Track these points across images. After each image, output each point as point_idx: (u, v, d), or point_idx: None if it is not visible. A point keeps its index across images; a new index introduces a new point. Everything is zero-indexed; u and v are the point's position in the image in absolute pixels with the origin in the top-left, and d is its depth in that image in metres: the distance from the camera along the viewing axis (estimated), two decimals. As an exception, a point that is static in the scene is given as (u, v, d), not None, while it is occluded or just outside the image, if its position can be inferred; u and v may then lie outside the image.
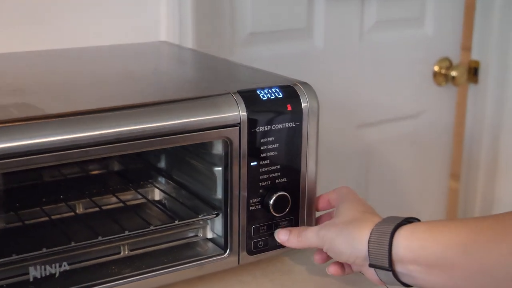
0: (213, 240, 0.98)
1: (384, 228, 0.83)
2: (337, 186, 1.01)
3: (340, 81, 1.74)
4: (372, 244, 0.83)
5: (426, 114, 1.95)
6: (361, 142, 1.84)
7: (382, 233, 0.83)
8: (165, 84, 1.01)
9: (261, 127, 0.91)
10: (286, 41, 1.64)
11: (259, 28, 1.60)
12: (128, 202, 1.07)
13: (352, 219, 0.88)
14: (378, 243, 0.82)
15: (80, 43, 1.28)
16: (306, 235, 0.92)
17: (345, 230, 0.87)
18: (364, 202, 0.94)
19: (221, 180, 0.93)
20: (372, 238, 0.83)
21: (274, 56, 1.61)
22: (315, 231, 0.91)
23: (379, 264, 0.83)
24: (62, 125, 0.79)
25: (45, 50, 1.23)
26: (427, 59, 1.91)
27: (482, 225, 0.78)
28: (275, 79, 1.00)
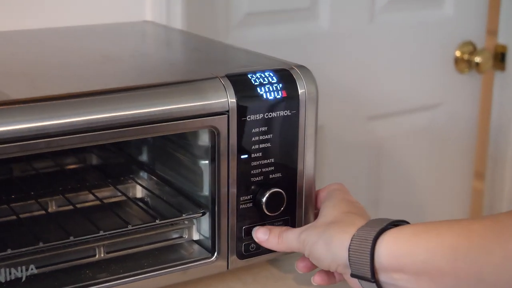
0: (199, 242, 0.98)
1: (366, 234, 0.82)
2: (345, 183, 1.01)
3: (348, 67, 1.74)
4: (352, 252, 0.83)
5: (446, 105, 1.95)
6: (372, 136, 1.83)
7: (363, 239, 0.82)
8: (145, 67, 1.01)
9: (252, 115, 0.91)
10: (287, 23, 1.64)
11: (257, 8, 1.60)
12: (106, 200, 1.07)
13: (334, 220, 0.88)
14: (359, 251, 0.82)
15: (57, 23, 1.28)
16: (287, 237, 0.92)
17: (326, 234, 0.86)
18: (350, 200, 0.94)
19: (208, 175, 0.93)
20: (352, 245, 0.83)
21: (273, 39, 1.60)
22: (296, 233, 0.91)
23: (361, 274, 0.83)
24: (27, 111, 0.79)
25: (18, 31, 1.23)
26: (447, 43, 1.90)
27: (476, 227, 0.78)
28: (268, 62, 1.00)
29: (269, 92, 0.92)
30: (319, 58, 1.68)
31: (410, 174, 1.94)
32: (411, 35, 1.83)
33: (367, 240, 0.82)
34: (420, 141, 1.93)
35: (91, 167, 1.17)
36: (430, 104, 1.93)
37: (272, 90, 0.92)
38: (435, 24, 1.87)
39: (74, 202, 1.04)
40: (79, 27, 1.28)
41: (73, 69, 0.98)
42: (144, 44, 1.24)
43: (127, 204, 1.07)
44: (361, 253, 0.82)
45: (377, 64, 1.79)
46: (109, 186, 1.10)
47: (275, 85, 0.92)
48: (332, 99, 1.71)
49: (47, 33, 1.23)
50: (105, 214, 1.02)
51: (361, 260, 0.82)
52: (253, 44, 1.27)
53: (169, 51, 1.18)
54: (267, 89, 0.92)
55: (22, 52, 1.11)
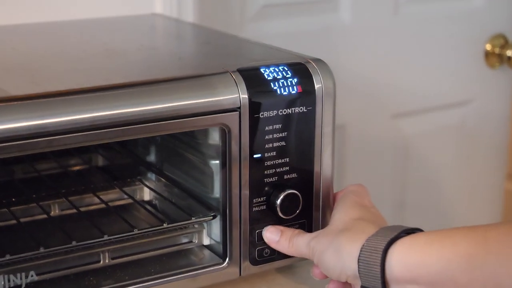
0: (210, 247, 0.98)
1: (377, 244, 0.81)
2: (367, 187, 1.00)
3: (371, 62, 1.73)
4: (362, 264, 0.82)
5: (475, 102, 1.94)
6: (396, 135, 1.83)
7: (373, 249, 0.81)
8: (152, 62, 1.01)
9: (266, 112, 0.90)
10: (306, 15, 1.63)
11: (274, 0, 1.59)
12: (111, 203, 1.07)
13: (344, 228, 0.87)
14: (369, 262, 0.81)
15: (60, 16, 1.29)
16: (298, 242, 0.91)
17: (335, 243, 0.86)
18: (363, 205, 0.92)
19: (219, 176, 0.93)
20: (362, 255, 0.82)
21: (291, 33, 1.60)
22: (307, 239, 0.90)
23: (371, 286, 0.82)
24: (26, 108, 0.79)
25: (19, 24, 1.24)
26: (477, 36, 1.89)
27: (492, 234, 0.77)
28: (283, 55, 0.99)
29: (283, 87, 0.91)
30: (340, 53, 1.67)
31: (437, 176, 1.93)
32: (438, 27, 1.82)
33: (377, 251, 0.81)
34: (448, 141, 1.91)
35: (96, 169, 1.17)
36: (458, 101, 1.91)
37: (286, 85, 0.91)
38: (464, 15, 1.85)
39: (77, 206, 1.04)
40: (83, 20, 1.29)
41: (76, 63, 0.98)
42: (151, 37, 1.24)
43: (134, 207, 1.07)
44: (371, 265, 0.81)
45: (402, 59, 1.78)
46: (115, 188, 1.10)
47: (290, 80, 0.92)
48: (354, 96, 1.70)
49: (49, 27, 1.24)
50: (111, 218, 1.02)
51: (371, 272, 0.81)
52: (269, 38, 1.27)
53: (178, 44, 1.18)
54: (281, 84, 0.91)
55: (23, 46, 1.11)
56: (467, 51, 1.88)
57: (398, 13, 1.75)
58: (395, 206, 1.84)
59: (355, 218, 0.89)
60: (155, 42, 1.19)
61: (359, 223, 0.88)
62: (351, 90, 1.66)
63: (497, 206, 2.05)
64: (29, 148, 0.80)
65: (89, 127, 0.82)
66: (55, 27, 1.24)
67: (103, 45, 1.10)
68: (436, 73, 1.84)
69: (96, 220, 0.99)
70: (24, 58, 1.03)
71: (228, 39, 1.18)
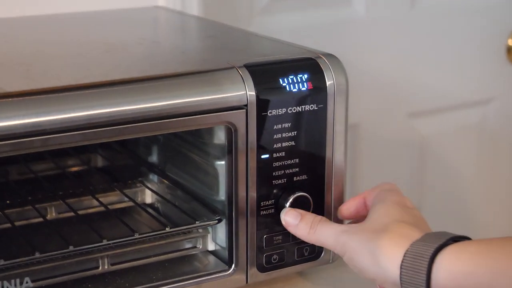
0: (215, 252, 0.97)
1: (423, 250, 0.79)
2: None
3: (387, 58, 1.73)
4: (405, 270, 0.80)
5: (497, 101, 1.93)
6: (413, 135, 1.82)
7: (419, 256, 0.79)
8: (154, 56, 1.01)
9: (274, 110, 0.90)
10: (318, 8, 1.63)
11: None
12: (111, 206, 1.07)
13: (383, 229, 0.84)
14: (413, 269, 0.79)
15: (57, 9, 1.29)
16: (323, 231, 0.89)
17: (372, 243, 0.83)
18: (405, 206, 0.90)
19: (225, 177, 0.92)
20: (405, 261, 0.80)
21: (302, 27, 1.60)
22: (335, 231, 0.87)
23: None
24: (21, 105, 0.79)
25: (17, 17, 1.24)
26: (498, 30, 1.89)
27: None
28: (292, 50, 0.99)
29: (293, 83, 0.91)
30: (354, 48, 1.67)
31: (456, 178, 1.92)
32: (458, 22, 1.81)
33: (424, 258, 0.79)
34: (468, 141, 1.91)
35: (95, 170, 1.17)
36: (479, 99, 1.91)
37: (296, 82, 0.91)
38: (485, 9, 1.85)
39: (75, 209, 1.03)
40: (81, 13, 1.29)
41: (74, 58, 0.98)
42: (153, 31, 1.25)
43: (135, 211, 1.07)
44: (415, 272, 0.79)
45: (419, 55, 1.78)
46: (115, 191, 1.10)
47: (300, 76, 0.92)
48: (368, 94, 1.70)
49: (45, 20, 1.24)
50: (110, 222, 1.02)
51: (415, 280, 0.79)
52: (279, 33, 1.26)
53: (181, 38, 1.18)
54: (291, 81, 0.91)
55: (17, 40, 1.11)
56: (488, 47, 1.88)
57: (415, 6, 1.75)
58: (412, 210, 1.84)
59: (397, 220, 0.85)
60: (157, 36, 1.19)
61: (401, 226, 0.84)
62: (364, 87, 1.66)
63: (519, 211, 2.05)
64: (24, 148, 0.80)
65: (87, 126, 0.82)
66: (51, 20, 1.24)
67: (102, 39, 1.10)
68: (455, 70, 1.84)
69: (95, 224, 0.99)
70: (19, 52, 1.03)
71: (234, 33, 1.18)
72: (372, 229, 0.85)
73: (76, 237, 0.94)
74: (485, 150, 1.94)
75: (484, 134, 1.93)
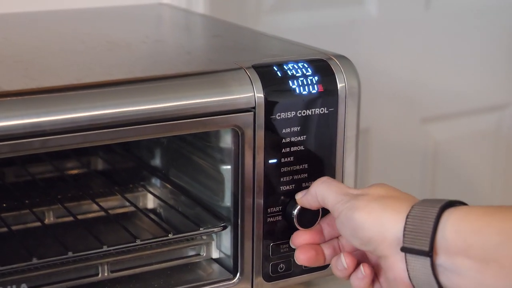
0: (220, 260, 0.97)
1: (429, 205, 0.79)
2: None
3: (400, 60, 1.73)
4: (411, 219, 0.79)
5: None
6: (426, 140, 1.82)
7: (426, 208, 0.79)
8: (158, 56, 1.01)
9: (283, 113, 0.90)
10: (328, 7, 1.64)
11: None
12: (111, 211, 1.07)
13: (387, 195, 0.84)
14: (420, 218, 0.78)
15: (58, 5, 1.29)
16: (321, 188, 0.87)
17: (379, 202, 0.82)
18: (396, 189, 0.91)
19: (230, 182, 0.93)
20: (413, 212, 0.79)
21: (312, 27, 1.60)
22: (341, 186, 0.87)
23: (416, 247, 0.79)
24: (20, 105, 0.79)
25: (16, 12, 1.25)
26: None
27: None
28: (303, 51, 0.99)
29: (303, 86, 0.91)
30: (366, 49, 1.67)
31: (471, 186, 1.92)
32: (473, 23, 1.82)
33: (432, 209, 0.78)
34: (483, 148, 1.91)
35: (95, 173, 1.18)
36: (495, 104, 1.91)
37: (306, 84, 0.91)
38: (503, 10, 1.85)
39: (74, 213, 1.04)
40: (83, 9, 1.29)
41: (75, 56, 0.98)
42: (158, 29, 1.25)
43: (136, 216, 1.07)
44: (422, 220, 0.78)
45: (433, 57, 1.78)
46: (115, 195, 1.10)
47: (310, 78, 0.92)
48: (380, 98, 1.70)
49: (45, 16, 1.24)
50: (111, 227, 1.02)
51: (421, 228, 0.77)
52: (288, 32, 1.27)
53: (187, 37, 1.18)
54: (301, 83, 0.91)
55: (16, 37, 1.12)
56: (505, 49, 1.88)
57: (429, 7, 1.75)
58: (424, 219, 1.84)
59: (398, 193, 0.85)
60: (161, 34, 1.19)
61: (404, 194, 0.85)
62: (376, 90, 1.66)
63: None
64: (22, 149, 0.80)
65: (89, 127, 0.82)
66: (52, 16, 1.25)
67: (104, 36, 1.11)
68: (470, 73, 1.84)
69: (95, 229, 0.99)
70: (18, 49, 1.03)
71: (241, 32, 1.18)
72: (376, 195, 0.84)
73: (75, 243, 0.93)
74: (500, 157, 1.94)
75: (499, 140, 1.93)
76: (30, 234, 1.01)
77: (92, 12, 1.28)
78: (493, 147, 1.92)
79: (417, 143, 1.80)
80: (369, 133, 1.71)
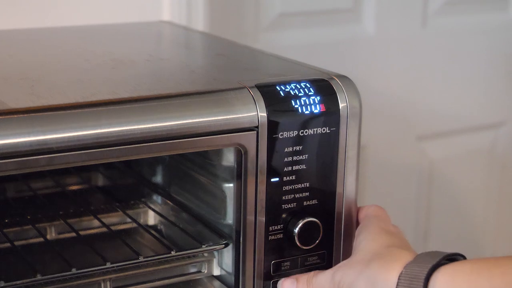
0: (221, 278, 0.98)
1: (417, 271, 0.81)
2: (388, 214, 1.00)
3: (396, 78, 1.74)
4: (403, 280, 0.81)
5: (508, 125, 1.94)
6: (422, 158, 1.83)
7: (413, 277, 0.81)
8: (162, 74, 1.02)
9: (285, 132, 0.91)
10: (326, 25, 1.64)
11: (292, 8, 1.60)
12: (113, 227, 1.07)
13: (375, 256, 0.87)
14: (411, 279, 0.81)
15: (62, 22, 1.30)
16: (318, 281, 0.91)
17: (367, 272, 0.85)
18: (389, 231, 0.92)
19: (232, 200, 0.93)
20: (401, 283, 0.82)
21: (309, 44, 1.61)
22: (329, 274, 0.90)
23: None
24: (26, 122, 0.79)
25: (21, 29, 1.25)
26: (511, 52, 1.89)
27: None
28: (305, 70, 1.00)
29: (305, 105, 0.92)
30: (362, 67, 1.68)
31: (465, 204, 1.92)
32: (470, 42, 1.82)
33: (418, 279, 0.81)
34: (478, 166, 1.91)
35: (97, 189, 1.18)
36: (489, 123, 1.92)
37: (308, 104, 0.92)
38: (498, 29, 1.86)
39: (76, 229, 1.04)
40: (87, 26, 1.29)
41: (81, 74, 0.99)
42: (161, 47, 1.25)
43: (137, 232, 1.07)
44: (413, 281, 0.81)
45: (429, 76, 1.78)
46: (117, 211, 1.10)
47: (312, 98, 0.92)
48: (376, 115, 1.70)
49: (50, 33, 1.25)
50: (112, 243, 1.02)
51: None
52: (286, 49, 1.28)
53: (189, 55, 1.18)
54: (303, 102, 0.92)
55: (22, 54, 1.12)
56: (501, 68, 1.89)
57: (426, 25, 1.76)
58: (418, 235, 1.84)
59: (386, 245, 0.88)
60: (165, 52, 1.20)
61: (391, 250, 0.87)
62: (373, 108, 1.67)
63: (529, 238, 2.05)
64: (29, 166, 0.80)
65: (94, 145, 0.82)
66: (57, 33, 1.25)
67: (109, 54, 1.11)
68: (466, 92, 1.85)
69: (97, 245, 0.99)
70: (23, 66, 1.03)
71: (242, 50, 1.18)
72: (363, 259, 0.88)
73: (77, 259, 0.94)
74: (494, 176, 1.94)
75: (494, 159, 1.93)
76: (32, 250, 1.01)
77: (95, 29, 1.28)
78: (488, 165, 1.93)
79: (412, 161, 1.81)
80: (365, 150, 1.71)
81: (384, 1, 1.69)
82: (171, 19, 1.38)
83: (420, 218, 1.84)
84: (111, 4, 1.35)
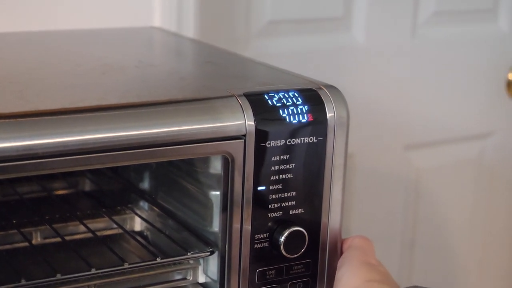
0: (206, 285, 0.98)
1: None
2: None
3: (384, 87, 1.74)
4: None
5: (496, 135, 1.94)
6: (409, 168, 1.83)
7: None
8: (151, 81, 1.02)
9: (273, 141, 0.91)
10: (316, 34, 1.64)
11: (281, 15, 1.60)
12: (99, 232, 1.07)
13: None
14: None
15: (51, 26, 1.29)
16: None
17: None
18: (371, 264, 0.92)
19: (219, 208, 0.93)
20: None
21: (299, 52, 1.61)
22: None
23: None
24: (13, 128, 0.79)
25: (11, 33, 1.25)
26: (499, 63, 1.90)
27: None
28: (293, 79, 1.00)
29: (292, 115, 0.92)
30: (351, 75, 1.68)
31: (452, 214, 1.93)
32: (458, 53, 1.83)
33: None
34: (466, 176, 1.92)
35: (83, 194, 1.17)
36: (477, 133, 1.92)
37: (296, 113, 0.92)
38: (487, 41, 1.87)
39: (62, 234, 1.04)
40: (78, 31, 1.29)
41: (71, 79, 0.99)
42: (151, 53, 1.25)
43: (123, 238, 1.07)
44: None
45: (417, 85, 1.79)
46: (103, 217, 1.10)
47: (300, 107, 0.92)
48: (363, 124, 1.71)
49: (41, 37, 1.24)
50: (98, 249, 1.02)
51: None
52: (276, 57, 1.28)
53: (179, 62, 1.18)
54: (291, 112, 0.92)
55: (11, 57, 1.12)
56: (488, 80, 1.90)
57: (415, 35, 1.76)
58: (405, 245, 1.84)
59: (367, 280, 0.89)
60: (154, 59, 1.19)
61: (372, 285, 0.88)
62: (361, 116, 1.67)
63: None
64: (15, 171, 0.80)
65: (81, 151, 0.82)
66: (48, 37, 1.25)
67: (99, 59, 1.11)
68: (453, 102, 1.85)
69: (82, 251, 0.99)
70: (12, 70, 1.03)
71: (232, 58, 1.18)
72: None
73: (63, 264, 0.94)
74: (482, 186, 1.95)
75: (481, 169, 1.94)
76: (17, 255, 1.01)
77: (86, 34, 1.28)
78: (475, 175, 1.93)
79: (400, 170, 1.81)
80: (353, 159, 1.71)
81: (374, 11, 1.70)
82: (162, 25, 1.38)
83: (407, 227, 1.85)
84: (102, 9, 1.35)
